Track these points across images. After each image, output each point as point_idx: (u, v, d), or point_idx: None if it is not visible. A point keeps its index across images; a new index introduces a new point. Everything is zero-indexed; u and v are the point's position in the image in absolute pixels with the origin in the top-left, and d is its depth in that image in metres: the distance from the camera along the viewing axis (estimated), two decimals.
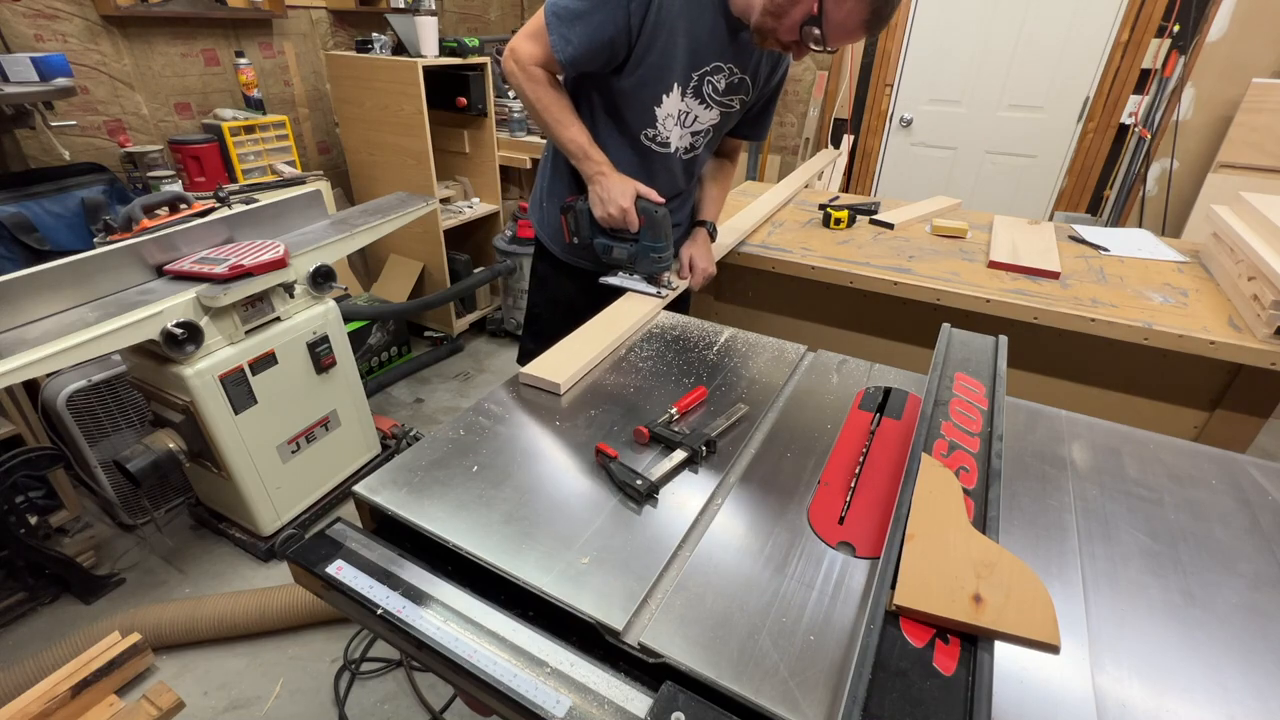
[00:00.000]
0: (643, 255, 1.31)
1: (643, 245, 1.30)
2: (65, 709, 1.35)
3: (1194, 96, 2.88)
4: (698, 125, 1.37)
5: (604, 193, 1.27)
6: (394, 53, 2.72)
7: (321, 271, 1.86)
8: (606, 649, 0.66)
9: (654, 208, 1.27)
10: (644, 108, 1.31)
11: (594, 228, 1.35)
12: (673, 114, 1.33)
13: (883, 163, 3.79)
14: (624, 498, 0.83)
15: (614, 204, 1.26)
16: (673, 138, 1.37)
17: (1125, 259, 1.74)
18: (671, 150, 1.39)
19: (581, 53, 1.21)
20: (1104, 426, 1.01)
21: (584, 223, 1.35)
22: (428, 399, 2.85)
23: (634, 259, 1.32)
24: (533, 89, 1.28)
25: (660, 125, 1.34)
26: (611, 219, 1.28)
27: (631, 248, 1.31)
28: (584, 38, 1.19)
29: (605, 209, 1.28)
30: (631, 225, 1.28)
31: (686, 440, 0.90)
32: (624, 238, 1.32)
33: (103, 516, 2.10)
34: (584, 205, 1.33)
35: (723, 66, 1.29)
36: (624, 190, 1.26)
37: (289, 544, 0.80)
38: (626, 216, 1.27)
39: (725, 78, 1.31)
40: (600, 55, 1.22)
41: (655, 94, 1.29)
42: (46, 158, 2.22)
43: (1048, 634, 0.60)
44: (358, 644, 1.71)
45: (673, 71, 1.26)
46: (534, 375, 1.06)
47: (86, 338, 1.36)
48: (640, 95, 1.29)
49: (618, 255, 1.33)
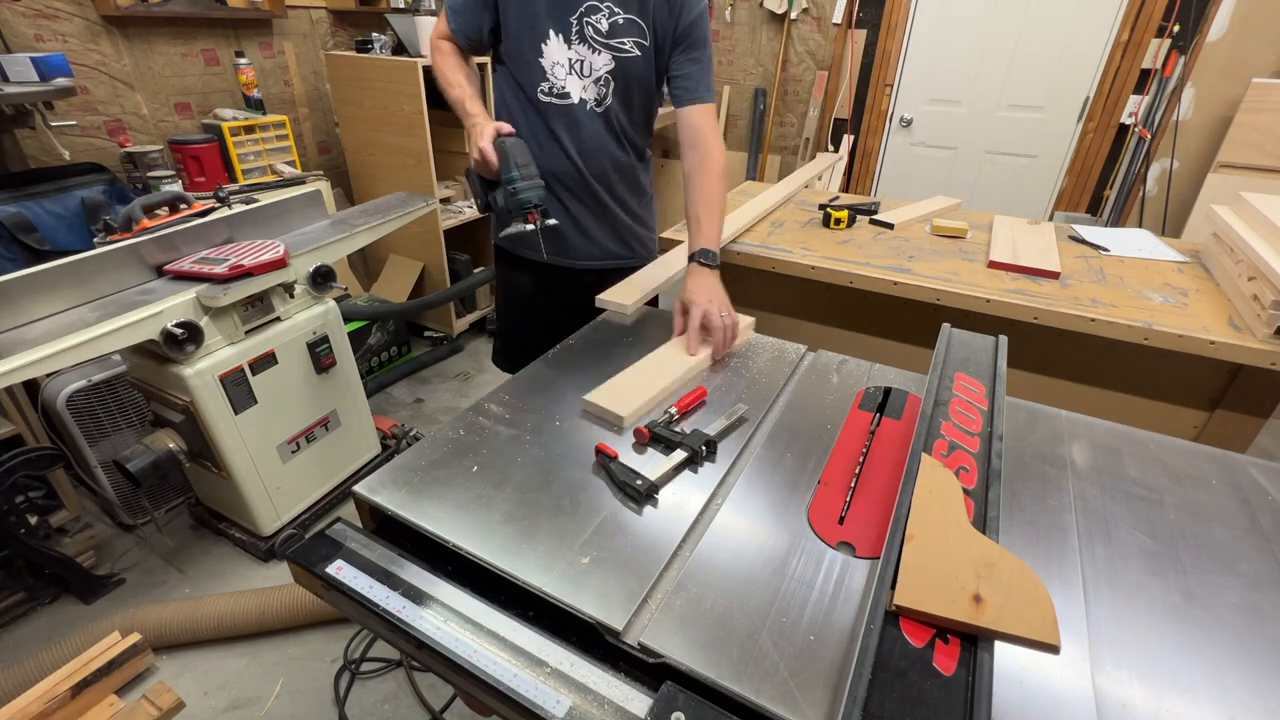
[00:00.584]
0: (504, 194, 1.22)
1: (502, 181, 1.22)
2: (65, 709, 1.35)
3: (1194, 96, 2.87)
4: (595, 73, 1.32)
5: (472, 140, 1.25)
6: (394, 53, 2.72)
7: (321, 271, 1.86)
8: (606, 649, 0.66)
9: (503, 140, 1.22)
10: (530, 62, 1.32)
11: (483, 184, 1.30)
12: (561, 62, 1.31)
13: (883, 163, 3.78)
14: (624, 498, 0.83)
15: (475, 147, 1.23)
16: (571, 88, 1.33)
17: (1125, 259, 1.74)
18: (574, 101, 1.34)
19: (466, 18, 1.31)
20: (1104, 426, 1.01)
21: (475, 181, 1.31)
22: (428, 399, 2.85)
23: (504, 201, 1.23)
24: (435, 59, 1.37)
25: (551, 75, 1.32)
26: (478, 165, 1.26)
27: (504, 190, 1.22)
28: (460, 2, 1.31)
29: (472, 155, 1.26)
30: (491, 163, 1.22)
31: (687, 440, 0.90)
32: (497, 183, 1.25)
33: (103, 516, 2.10)
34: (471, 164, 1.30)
35: (599, 6, 1.27)
36: (483, 130, 1.23)
37: (289, 544, 0.80)
38: (486, 156, 1.22)
39: (606, 17, 1.28)
40: (479, 15, 1.31)
41: (534, 45, 1.30)
42: (46, 158, 2.22)
43: (1048, 634, 0.60)
44: (358, 644, 1.71)
45: (541, 17, 1.27)
46: (598, 405, 1.00)
47: (86, 338, 1.36)
48: (522, 51, 1.31)
49: (499, 204, 1.25)
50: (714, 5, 3.77)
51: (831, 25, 3.54)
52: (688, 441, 0.90)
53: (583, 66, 1.32)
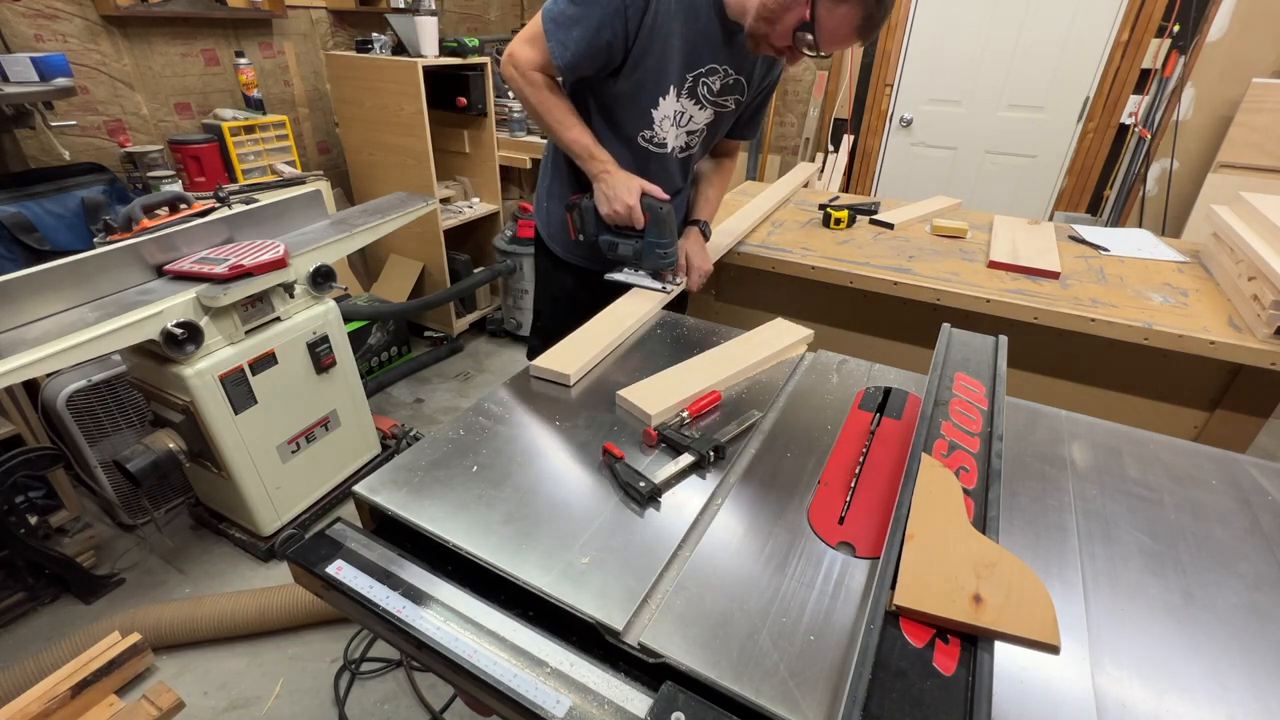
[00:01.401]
0: (648, 251, 1.33)
1: (648, 242, 1.32)
2: (65, 709, 1.35)
3: (1194, 96, 2.88)
4: (692, 125, 1.39)
5: (609, 190, 1.28)
6: (394, 53, 2.72)
7: (321, 271, 1.86)
8: (606, 649, 0.66)
9: (659, 205, 1.29)
10: (641, 110, 1.32)
11: (599, 225, 1.36)
12: (669, 115, 1.34)
13: (883, 163, 3.79)
14: (627, 499, 0.83)
15: (620, 201, 1.27)
16: (669, 138, 1.38)
17: (1125, 259, 1.74)
18: (668, 150, 1.40)
19: (579, 58, 1.22)
20: (1104, 426, 1.01)
21: (589, 220, 1.36)
22: (428, 399, 2.85)
23: (639, 255, 1.34)
24: (534, 94, 1.29)
25: (657, 126, 1.35)
26: (617, 216, 1.30)
27: (637, 244, 1.33)
28: (581, 43, 1.20)
29: (611, 206, 1.29)
30: (637, 222, 1.30)
31: (695, 445, 0.89)
32: (629, 234, 1.34)
33: (103, 516, 2.10)
34: (589, 203, 1.35)
35: (718, 68, 1.30)
36: (629, 188, 1.28)
37: (289, 544, 0.80)
38: (632, 214, 1.28)
39: (720, 79, 1.32)
40: (597, 59, 1.23)
41: (652, 97, 1.30)
42: (46, 158, 2.22)
43: (1048, 634, 0.60)
44: (358, 644, 1.71)
45: (669, 75, 1.27)
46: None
47: (86, 338, 1.36)
48: (637, 98, 1.31)
49: (623, 252, 1.35)
50: None
51: None
52: (696, 446, 0.89)
53: (682, 118, 1.36)
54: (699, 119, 1.38)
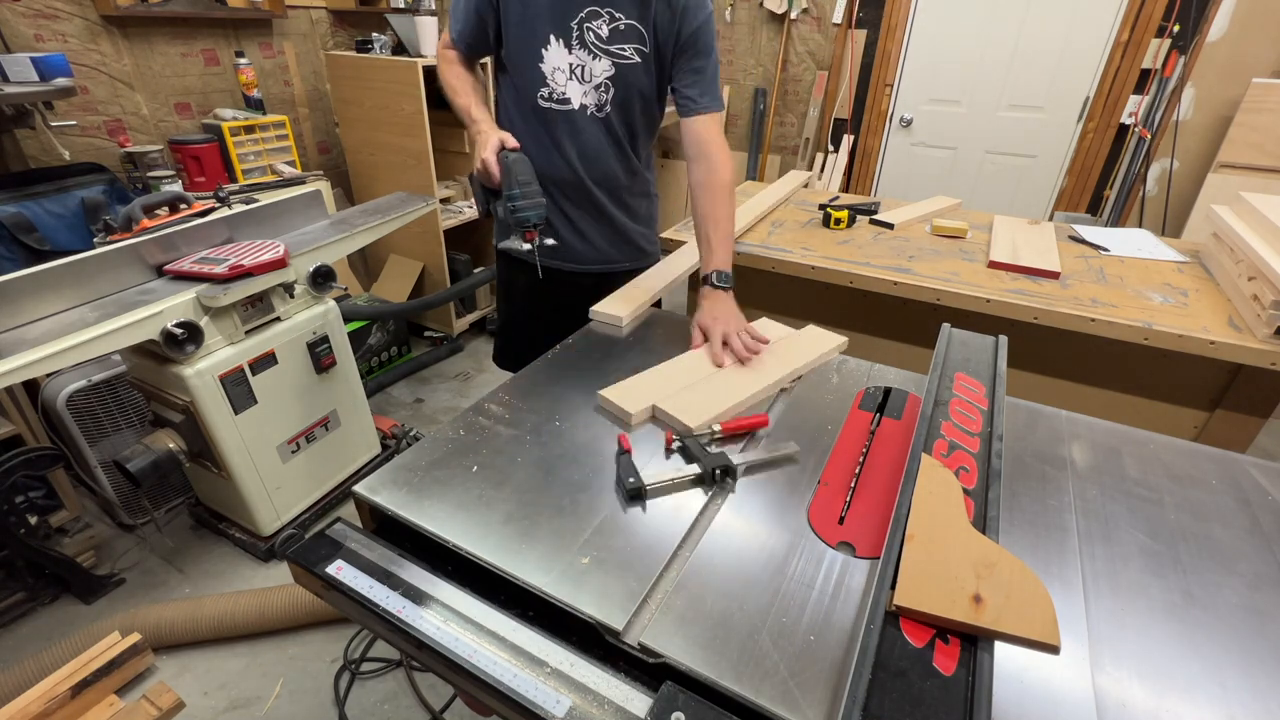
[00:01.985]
0: (505, 209, 1.21)
1: (503, 196, 1.21)
2: (65, 709, 1.35)
3: (1194, 96, 2.88)
4: (595, 79, 1.32)
5: (477, 149, 1.26)
6: (394, 53, 2.72)
7: (321, 271, 1.86)
8: (606, 649, 0.66)
9: (505, 154, 1.20)
10: (530, 66, 1.32)
11: (486, 192, 1.29)
12: (561, 67, 1.31)
13: (883, 163, 3.78)
14: (619, 491, 0.83)
15: (479, 158, 1.22)
16: (571, 93, 1.33)
17: (1125, 259, 1.74)
18: (575, 106, 1.34)
19: (466, 27, 1.32)
20: (1104, 426, 1.01)
21: (476, 188, 1.31)
22: (428, 399, 2.85)
23: (507, 214, 1.21)
24: (442, 70, 1.39)
25: (552, 80, 1.33)
26: (480, 175, 1.24)
27: (505, 202, 1.21)
28: (461, 11, 1.32)
29: (475, 166, 1.25)
30: (493, 175, 1.21)
31: (705, 460, 0.86)
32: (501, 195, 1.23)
33: (103, 516, 2.10)
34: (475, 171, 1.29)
35: (600, 11, 1.26)
36: (487, 141, 1.22)
37: (289, 544, 0.80)
38: (487, 167, 1.20)
39: (606, 23, 1.27)
40: (482, 25, 1.31)
41: (534, 49, 1.30)
42: (46, 158, 2.22)
43: (1048, 634, 0.60)
44: (358, 644, 1.71)
45: (542, 21, 1.28)
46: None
47: (86, 338, 1.36)
48: (523, 55, 1.32)
49: (499, 215, 1.29)
50: (714, 5, 3.77)
51: (831, 25, 3.54)
52: (705, 461, 0.86)
53: (583, 72, 1.31)
54: (598, 70, 1.31)
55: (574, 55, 1.30)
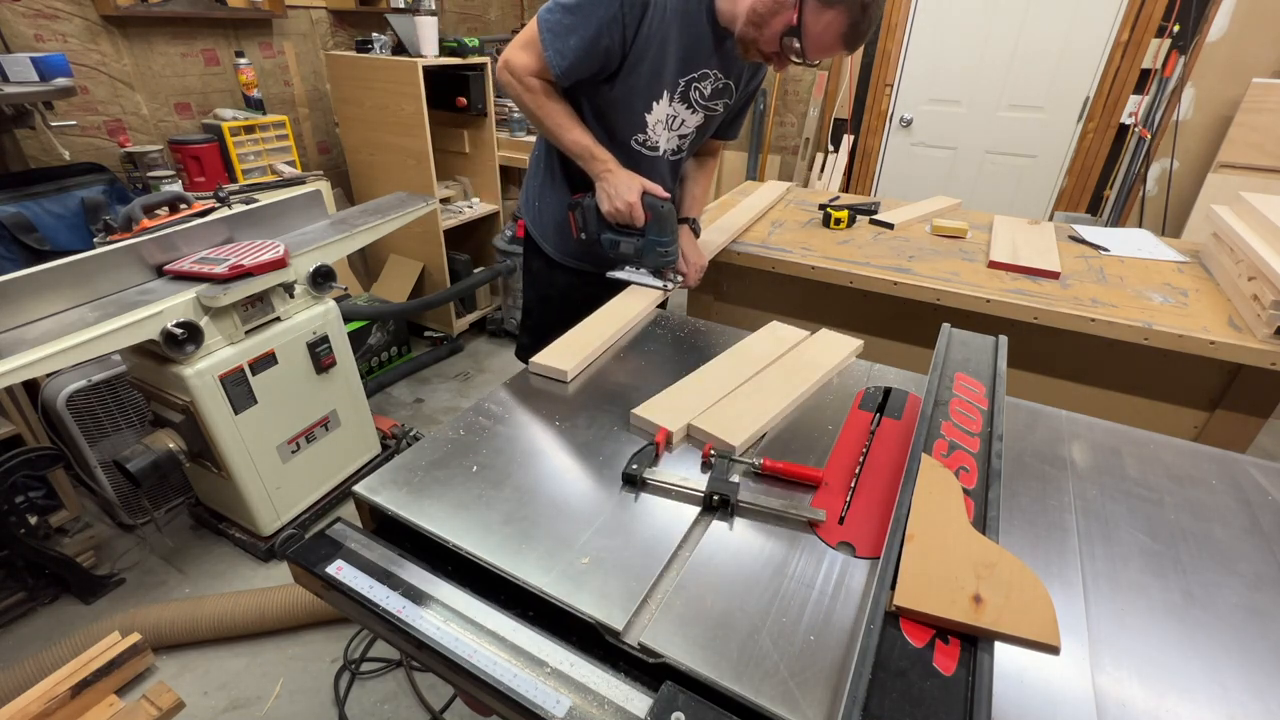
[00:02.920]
0: (649, 249, 1.34)
1: (649, 240, 1.33)
2: (65, 709, 1.35)
3: (1194, 96, 2.88)
4: (684, 129, 1.41)
5: (611, 189, 1.29)
6: (394, 53, 2.72)
7: (321, 271, 1.86)
8: (606, 649, 0.66)
9: (660, 203, 1.30)
10: (635, 114, 1.34)
11: (601, 223, 1.37)
12: (661, 119, 1.36)
13: (883, 163, 3.79)
14: (624, 490, 0.84)
15: (621, 199, 1.28)
16: (661, 141, 1.40)
17: (1125, 259, 1.74)
18: (660, 154, 1.43)
19: (576, 65, 1.24)
20: (1104, 426, 1.01)
21: (591, 219, 1.38)
22: (428, 399, 2.85)
23: (640, 253, 1.35)
24: (532, 99, 1.30)
25: (650, 130, 1.37)
26: (619, 214, 1.30)
27: (638, 242, 1.34)
28: (579, 51, 1.21)
29: (613, 204, 1.29)
30: (638, 220, 1.30)
31: (713, 482, 0.83)
32: (630, 232, 1.35)
33: (103, 516, 2.10)
34: (591, 202, 1.35)
35: (709, 73, 1.32)
36: (631, 186, 1.28)
37: (289, 544, 0.80)
38: (633, 211, 1.29)
39: (711, 83, 1.34)
40: (594, 65, 1.25)
41: (646, 102, 1.32)
42: (46, 158, 2.22)
43: (1048, 634, 0.60)
44: (358, 644, 1.71)
45: (663, 80, 1.29)
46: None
47: (86, 338, 1.36)
48: (631, 102, 1.32)
49: (625, 250, 1.37)
50: None
51: None
52: (712, 483, 0.82)
53: (674, 122, 1.38)
54: (690, 122, 1.40)
55: (673, 108, 1.35)
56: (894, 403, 1.02)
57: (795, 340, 1.19)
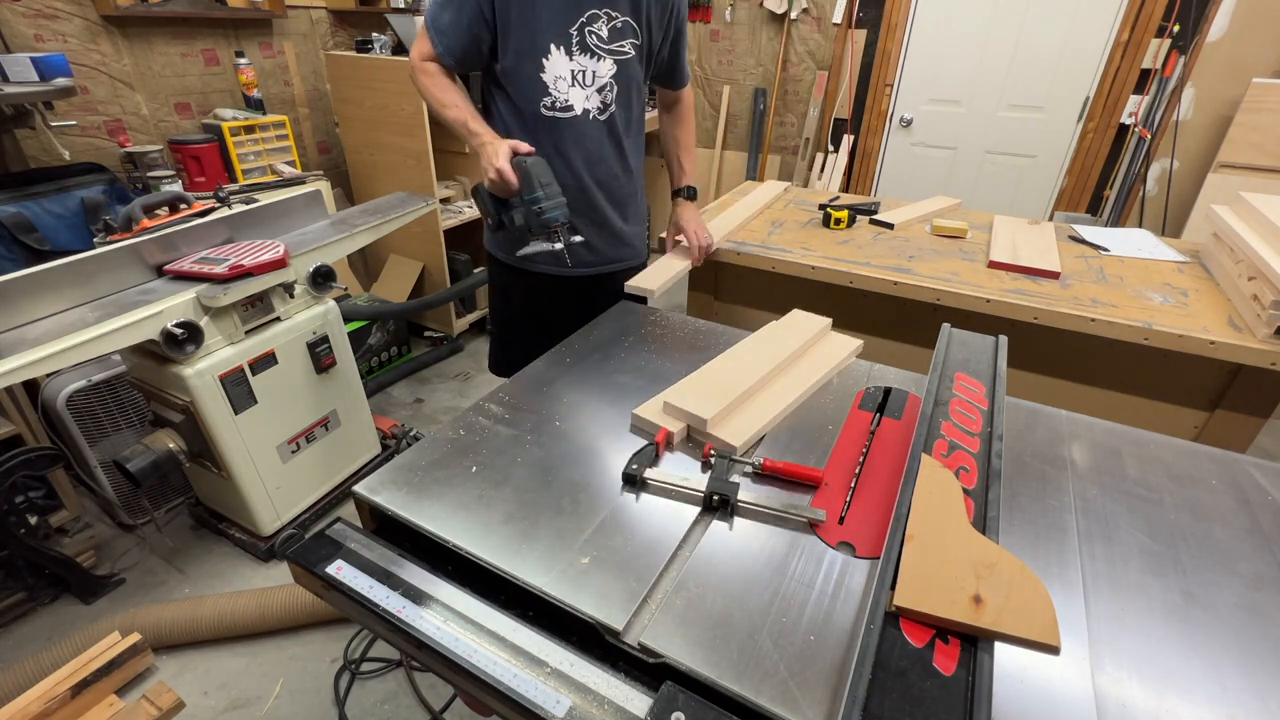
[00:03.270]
0: (529, 213, 1.22)
1: (523, 201, 1.22)
2: (65, 709, 1.35)
3: (1194, 96, 2.88)
4: (599, 80, 1.35)
5: (484, 160, 1.23)
6: (394, 53, 2.72)
7: (321, 271, 1.86)
8: (606, 649, 0.66)
9: (522, 159, 1.21)
10: (530, 78, 1.31)
11: (494, 202, 1.29)
12: (563, 75, 1.31)
13: (883, 163, 3.78)
14: (624, 490, 0.84)
15: (490, 167, 1.21)
16: (574, 99, 1.34)
17: (1125, 259, 1.74)
18: (578, 112, 1.36)
19: (455, 39, 1.28)
20: (1104, 426, 1.01)
21: (486, 199, 1.30)
22: (428, 399, 2.85)
23: (527, 220, 1.23)
24: (423, 80, 1.34)
25: (554, 89, 1.32)
26: (495, 185, 1.24)
27: (523, 209, 1.23)
28: (452, 24, 1.27)
29: (487, 175, 1.24)
30: (511, 184, 1.21)
31: (713, 482, 0.83)
32: (516, 202, 1.25)
33: (103, 516, 2.10)
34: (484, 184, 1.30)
35: (599, 13, 1.29)
36: (498, 150, 1.21)
37: (289, 544, 0.80)
38: (504, 176, 1.20)
39: (606, 24, 1.30)
40: (473, 36, 1.28)
41: (535, 60, 1.30)
42: (46, 158, 2.22)
43: (1048, 635, 0.60)
44: (358, 644, 1.71)
45: (543, 31, 1.27)
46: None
47: (86, 338, 1.36)
48: (522, 67, 1.30)
49: (517, 222, 1.26)
50: (714, 5, 3.77)
51: (831, 25, 3.54)
52: (712, 483, 0.82)
53: (585, 76, 1.33)
54: (602, 72, 1.34)
55: (575, 61, 1.30)
56: (894, 403, 1.02)
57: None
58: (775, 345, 1.14)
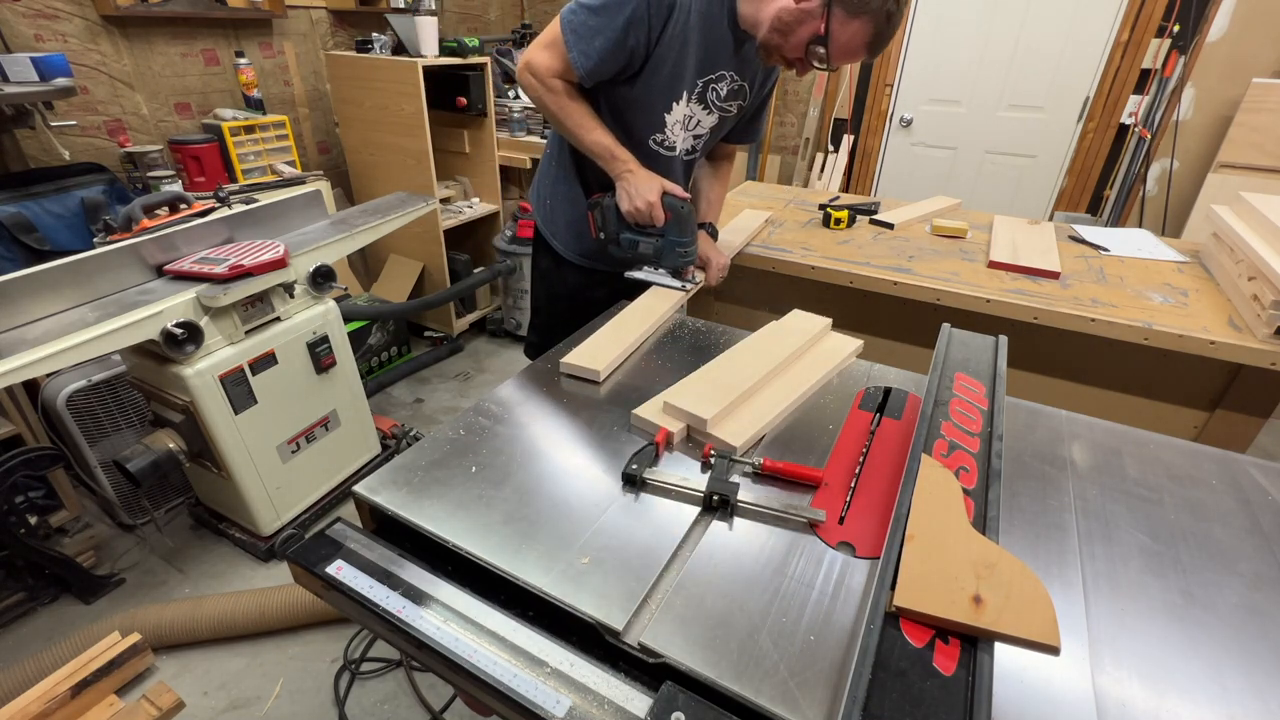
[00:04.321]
0: (668, 249, 1.34)
1: (668, 240, 1.33)
2: (65, 709, 1.35)
3: (1194, 96, 2.88)
4: (699, 130, 1.42)
5: (631, 189, 1.29)
6: (394, 53, 2.72)
7: (321, 271, 1.86)
8: (606, 649, 0.66)
9: (679, 203, 1.30)
10: (654, 114, 1.35)
11: (620, 223, 1.37)
12: (679, 119, 1.37)
13: (883, 163, 3.79)
14: (624, 490, 0.84)
15: (641, 199, 1.28)
16: (677, 141, 1.41)
17: (1125, 259, 1.74)
18: (676, 154, 1.43)
19: (601, 66, 1.24)
20: (1104, 426, 1.01)
21: (611, 218, 1.38)
22: (428, 399, 2.85)
23: (659, 253, 1.36)
24: (554, 100, 1.30)
25: (668, 130, 1.38)
26: (639, 214, 1.30)
27: (657, 242, 1.35)
28: (603, 52, 1.21)
29: (633, 204, 1.29)
30: (658, 220, 1.30)
31: (713, 482, 0.82)
32: (650, 232, 1.35)
33: (103, 516, 2.10)
34: (611, 201, 1.35)
35: (726, 74, 1.33)
36: (651, 186, 1.28)
37: (289, 544, 0.80)
38: (654, 211, 1.29)
39: (728, 85, 1.35)
40: (617, 66, 1.25)
41: (667, 102, 1.33)
42: (46, 158, 2.22)
43: (1048, 635, 0.60)
44: (358, 644, 1.71)
45: (683, 81, 1.30)
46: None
47: (86, 338, 1.36)
48: (651, 102, 1.33)
49: (644, 250, 1.37)
50: None
51: None
52: (712, 483, 0.82)
53: (690, 122, 1.39)
54: (705, 123, 1.41)
55: (690, 109, 1.36)
56: (894, 403, 1.02)
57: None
58: (775, 345, 1.14)
